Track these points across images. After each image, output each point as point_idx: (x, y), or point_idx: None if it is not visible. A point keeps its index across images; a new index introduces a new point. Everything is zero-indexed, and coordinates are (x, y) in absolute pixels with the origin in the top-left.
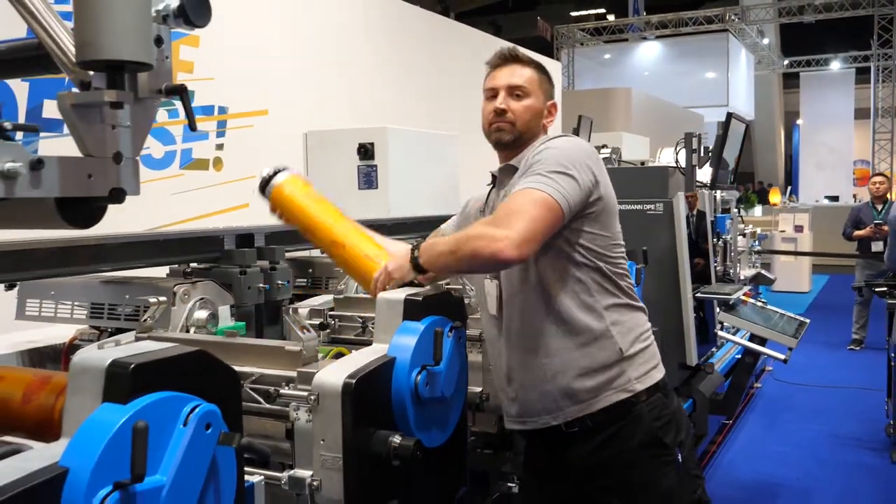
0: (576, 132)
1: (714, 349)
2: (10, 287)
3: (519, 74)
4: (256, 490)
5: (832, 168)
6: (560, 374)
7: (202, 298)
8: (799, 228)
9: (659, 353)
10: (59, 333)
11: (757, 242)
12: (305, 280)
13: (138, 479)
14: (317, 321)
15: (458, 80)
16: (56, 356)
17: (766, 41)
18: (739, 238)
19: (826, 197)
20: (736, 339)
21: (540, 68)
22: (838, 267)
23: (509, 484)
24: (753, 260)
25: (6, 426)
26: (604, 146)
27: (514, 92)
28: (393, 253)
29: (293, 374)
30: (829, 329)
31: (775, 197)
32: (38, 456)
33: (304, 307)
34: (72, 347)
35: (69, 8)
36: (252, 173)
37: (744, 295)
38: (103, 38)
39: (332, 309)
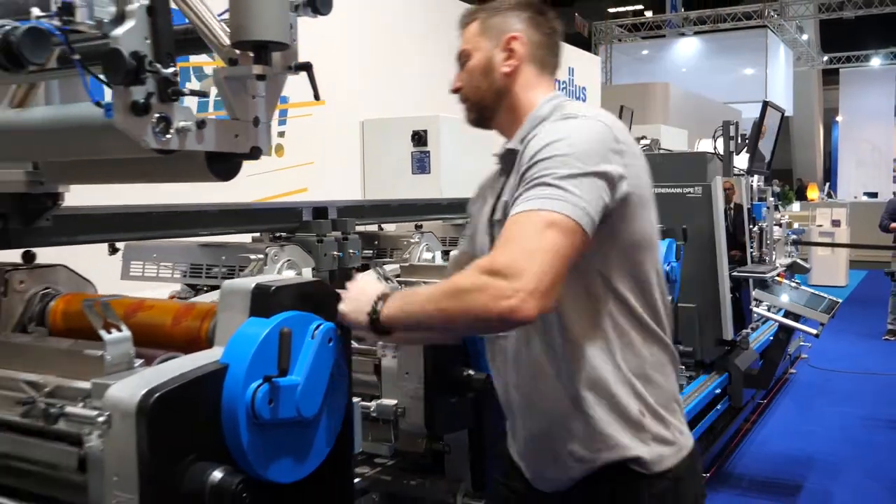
0: None
1: (751, 329)
2: (113, 251)
3: (462, 41)
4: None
5: (872, 165)
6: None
7: (289, 260)
8: (836, 223)
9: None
10: (154, 295)
11: (791, 232)
12: (372, 251)
13: (283, 374)
14: None
15: None
16: None
17: (805, 37)
18: (776, 227)
19: (865, 193)
20: (770, 314)
21: (484, 10)
22: (876, 262)
23: None
24: (789, 249)
25: (160, 344)
26: (643, 137)
27: (461, 62)
28: (356, 290)
29: None
30: (865, 320)
31: (813, 192)
32: (202, 357)
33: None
34: None
35: None
36: (311, 159)
37: (778, 276)
38: (254, 22)
39: (398, 275)
